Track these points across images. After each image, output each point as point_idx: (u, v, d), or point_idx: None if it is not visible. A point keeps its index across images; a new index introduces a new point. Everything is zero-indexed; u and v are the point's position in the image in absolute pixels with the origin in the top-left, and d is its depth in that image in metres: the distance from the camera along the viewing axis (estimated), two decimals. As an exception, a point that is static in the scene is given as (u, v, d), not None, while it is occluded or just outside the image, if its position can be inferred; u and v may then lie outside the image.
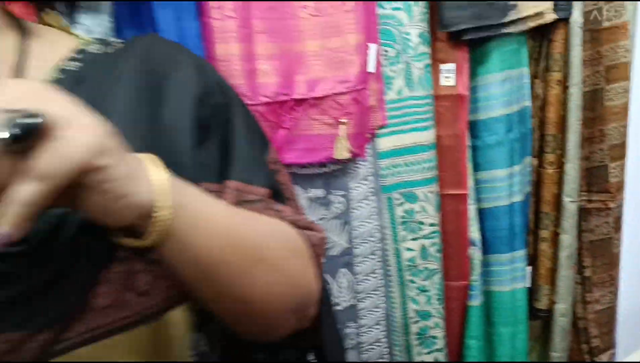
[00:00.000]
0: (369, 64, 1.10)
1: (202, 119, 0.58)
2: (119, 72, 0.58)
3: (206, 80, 0.61)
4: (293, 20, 1.04)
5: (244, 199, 0.59)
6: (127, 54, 0.60)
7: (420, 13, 1.12)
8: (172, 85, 0.58)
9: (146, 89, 0.57)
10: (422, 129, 1.18)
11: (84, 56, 0.60)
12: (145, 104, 0.57)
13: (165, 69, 0.59)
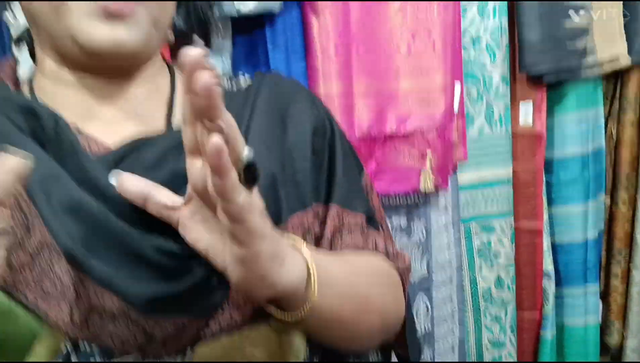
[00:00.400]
0: (454, 103, 1.18)
1: (315, 146, 0.68)
2: (253, 105, 0.68)
3: (318, 112, 0.71)
4: (387, 62, 1.14)
5: (344, 223, 0.69)
6: (258, 89, 0.70)
7: (503, 57, 1.21)
8: (293, 115, 0.68)
9: (274, 118, 0.68)
10: (501, 164, 1.25)
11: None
12: (273, 132, 0.67)
13: (288, 101, 0.70)
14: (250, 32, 1.08)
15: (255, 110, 0.67)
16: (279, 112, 0.68)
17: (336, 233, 0.68)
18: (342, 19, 1.09)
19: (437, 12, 1.14)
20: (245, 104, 0.68)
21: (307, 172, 0.67)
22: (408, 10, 1.13)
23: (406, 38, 1.14)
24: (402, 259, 0.72)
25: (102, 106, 0.64)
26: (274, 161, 0.64)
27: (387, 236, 0.74)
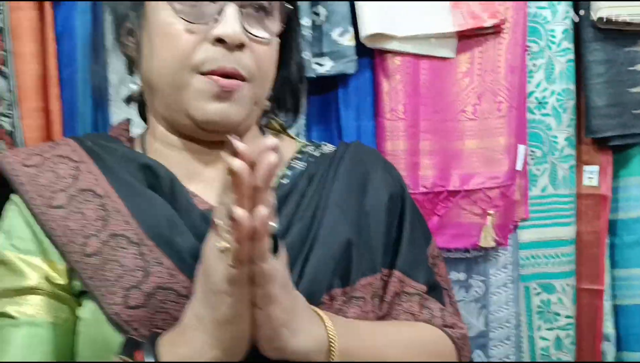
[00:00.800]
0: (517, 163, 1.21)
1: (390, 212, 0.75)
2: (336, 171, 0.75)
3: (394, 182, 0.78)
4: (453, 122, 1.18)
5: (404, 290, 0.75)
6: (340, 156, 0.78)
7: (568, 120, 1.23)
8: (372, 183, 0.76)
9: (355, 184, 0.75)
10: (564, 224, 1.26)
11: (303, 156, 0.80)
12: (354, 196, 0.74)
13: (368, 170, 0.77)
14: (323, 91, 1.15)
15: (337, 176, 0.74)
16: (359, 179, 0.75)
17: (395, 298, 0.74)
18: (411, 81, 1.15)
19: (503, 75, 1.18)
20: (328, 170, 0.75)
21: (380, 238, 0.73)
22: (475, 73, 1.18)
23: (472, 100, 1.18)
24: (458, 329, 0.76)
25: (204, 168, 0.74)
26: (350, 226, 0.71)
27: (447, 307, 0.78)
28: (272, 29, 0.72)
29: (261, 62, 0.70)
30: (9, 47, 1.04)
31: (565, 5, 1.20)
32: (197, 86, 0.68)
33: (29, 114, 1.04)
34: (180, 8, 0.68)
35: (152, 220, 0.66)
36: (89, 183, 0.68)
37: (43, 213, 0.67)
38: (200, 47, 0.67)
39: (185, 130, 0.72)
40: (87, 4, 1.06)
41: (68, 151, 0.72)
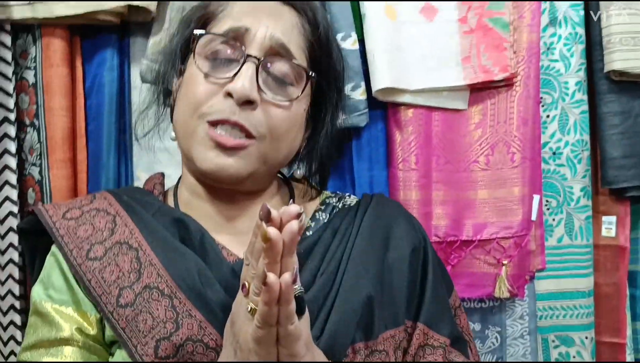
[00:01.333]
0: (532, 213, 1.21)
1: (413, 265, 0.77)
2: (360, 224, 0.78)
3: (416, 233, 0.80)
4: (466, 173, 1.19)
5: (428, 343, 0.75)
6: (363, 209, 0.80)
7: (584, 170, 1.23)
8: (395, 236, 0.78)
9: (377, 238, 0.77)
10: (581, 276, 1.24)
11: (327, 207, 0.83)
12: (376, 250, 0.76)
13: (391, 223, 0.79)
14: (337, 142, 1.18)
15: (360, 230, 0.77)
16: (381, 232, 0.78)
17: (419, 350, 0.75)
18: (423, 132, 1.17)
19: (516, 127, 1.19)
20: (352, 222, 0.78)
21: (403, 291, 0.75)
22: (487, 124, 1.20)
23: (485, 151, 1.19)
24: None
25: (230, 220, 0.78)
26: (372, 281, 0.73)
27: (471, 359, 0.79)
28: (292, 95, 0.74)
29: (274, 123, 0.73)
30: (41, 101, 1.11)
31: (579, 57, 1.21)
32: (202, 134, 0.71)
33: (57, 164, 1.10)
34: (204, 63, 0.73)
35: (184, 273, 0.69)
36: (125, 236, 0.72)
37: (80, 265, 0.71)
38: (213, 99, 0.72)
39: (202, 179, 0.76)
40: (115, 61, 1.12)
41: (105, 204, 0.77)
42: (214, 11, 0.77)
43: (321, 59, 0.79)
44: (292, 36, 0.75)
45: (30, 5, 1.06)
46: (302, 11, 0.79)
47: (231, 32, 0.73)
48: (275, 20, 0.75)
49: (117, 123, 1.13)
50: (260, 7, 0.76)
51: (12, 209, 1.10)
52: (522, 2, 1.18)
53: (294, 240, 0.53)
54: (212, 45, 0.73)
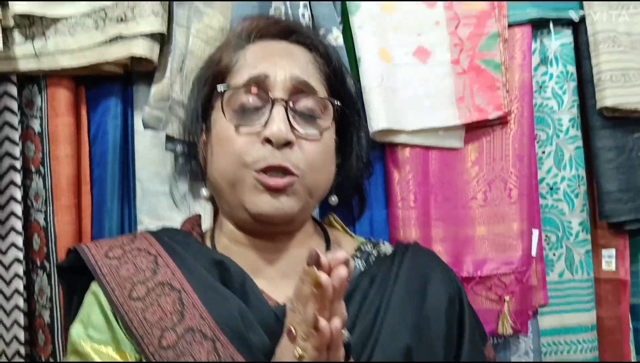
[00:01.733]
0: (532, 248, 1.22)
1: (449, 316, 0.77)
2: (397, 273, 0.79)
3: (452, 285, 0.81)
4: (464, 209, 1.21)
5: None
6: (400, 259, 0.82)
7: (581, 205, 1.24)
8: (432, 286, 0.78)
9: (414, 287, 0.77)
10: (584, 310, 1.25)
11: (362, 254, 0.84)
12: (414, 300, 0.76)
13: (428, 273, 0.80)
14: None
15: (398, 279, 0.78)
16: (418, 282, 0.78)
17: None
18: (421, 171, 1.19)
19: (512, 163, 1.21)
20: (389, 271, 0.79)
21: (441, 342, 0.76)
22: (484, 162, 1.22)
23: (482, 188, 1.21)
24: None
25: (267, 265, 0.79)
26: (410, 331, 0.74)
27: None
28: (322, 126, 0.78)
29: (311, 158, 0.76)
30: (47, 149, 1.14)
31: (571, 95, 1.24)
32: (250, 181, 0.74)
33: (62, 210, 1.13)
34: (233, 116, 0.76)
35: (227, 316, 0.69)
36: (167, 277, 0.73)
37: (122, 304, 0.71)
38: (252, 148, 0.74)
39: (246, 225, 0.78)
40: (118, 109, 1.15)
41: (146, 244, 0.78)
42: (227, 65, 0.80)
43: (338, 87, 0.83)
44: (310, 72, 0.79)
45: (36, 57, 1.10)
46: (312, 46, 0.82)
47: (252, 81, 0.76)
48: (290, 61, 0.78)
49: (121, 169, 1.15)
50: (272, 51, 0.79)
51: (17, 256, 1.11)
52: (512, 43, 1.22)
53: (342, 285, 0.55)
54: (237, 97, 0.76)
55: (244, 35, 0.82)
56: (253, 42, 0.81)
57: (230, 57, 0.80)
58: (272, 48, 0.80)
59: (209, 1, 1.12)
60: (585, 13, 1.22)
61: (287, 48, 0.81)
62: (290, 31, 0.83)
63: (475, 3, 1.19)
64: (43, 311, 1.14)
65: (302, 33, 0.83)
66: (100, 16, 1.09)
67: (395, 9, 1.19)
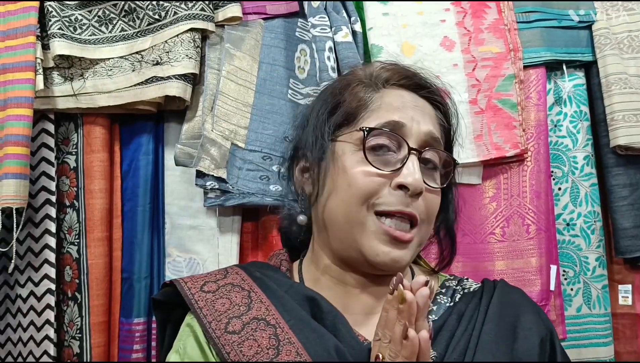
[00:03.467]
0: (550, 283, 1.24)
1: (541, 358, 0.76)
2: (484, 310, 0.78)
3: (544, 325, 0.80)
4: (483, 244, 1.24)
5: None
6: (488, 296, 0.81)
7: (597, 240, 1.27)
8: (523, 326, 0.77)
9: (505, 327, 0.76)
10: (602, 345, 1.26)
11: (447, 290, 0.84)
12: (504, 340, 0.75)
13: (518, 312, 0.79)
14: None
15: (487, 317, 0.77)
16: (509, 322, 0.77)
17: None
18: (441, 206, 1.22)
19: (529, 199, 1.24)
20: (477, 309, 0.79)
21: None
22: (502, 198, 1.25)
23: (500, 223, 1.25)
24: None
25: (356, 302, 0.80)
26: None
27: None
28: (438, 181, 0.80)
29: (430, 209, 0.78)
30: (81, 184, 1.19)
31: (585, 133, 1.28)
32: (373, 226, 0.74)
33: (95, 242, 1.17)
34: (369, 155, 0.76)
35: (323, 353, 0.70)
36: (261, 312, 0.74)
37: (219, 337, 0.72)
38: (382, 191, 0.75)
39: (354, 264, 0.78)
40: (150, 146, 1.20)
41: (239, 279, 0.79)
42: (363, 103, 0.80)
43: (450, 144, 0.87)
44: (436, 127, 0.81)
45: (74, 97, 1.16)
46: (438, 103, 0.85)
47: (390, 126, 0.77)
48: (425, 115, 0.80)
49: (151, 203, 1.20)
50: (407, 101, 0.81)
51: (50, 287, 1.15)
52: (527, 83, 1.27)
53: (426, 304, 0.60)
54: (374, 137, 0.77)
55: (381, 79, 0.82)
56: (388, 87, 0.82)
57: (366, 97, 0.80)
58: (406, 99, 0.81)
59: (239, 44, 1.18)
60: (598, 56, 1.27)
61: (418, 102, 0.82)
62: (422, 86, 0.84)
63: (492, 47, 1.25)
64: (72, 342, 1.17)
65: (432, 90, 0.85)
66: (136, 59, 1.16)
67: (414, 51, 1.25)
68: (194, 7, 1.15)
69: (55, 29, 1.13)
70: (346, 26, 1.22)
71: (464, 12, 1.28)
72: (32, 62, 1.10)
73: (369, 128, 0.77)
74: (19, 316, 1.17)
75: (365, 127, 0.77)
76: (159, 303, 0.85)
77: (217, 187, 1.14)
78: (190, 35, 1.14)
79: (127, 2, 1.15)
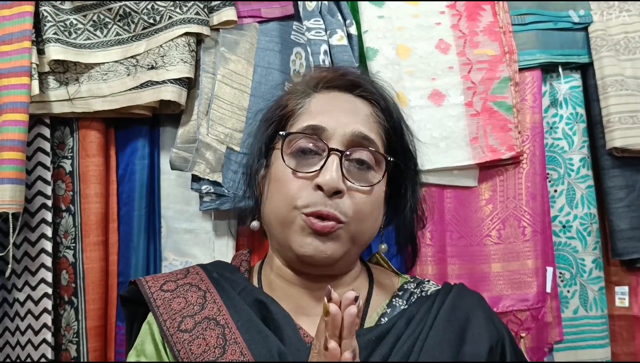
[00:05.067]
0: (547, 285, 1.24)
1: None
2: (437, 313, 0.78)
3: (496, 331, 0.79)
4: (479, 246, 1.24)
5: None
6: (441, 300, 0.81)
7: (594, 242, 1.27)
8: (472, 331, 0.77)
9: (453, 329, 0.77)
10: (599, 346, 1.26)
11: (404, 293, 0.85)
12: (451, 344, 0.75)
13: (469, 316, 0.79)
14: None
15: (436, 321, 0.77)
16: (458, 325, 0.77)
17: None
18: (437, 209, 1.23)
19: (525, 202, 1.24)
20: (428, 312, 0.79)
21: None
22: (497, 200, 1.25)
23: (496, 225, 1.25)
24: None
25: (312, 303, 0.81)
26: None
27: None
28: (372, 180, 0.80)
29: (359, 207, 0.78)
30: (77, 188, 1.19)
31: (581, 135, 1.28)
32: (299, 222, 0.76)
33: (90, 247, 1.17)
34: (290, 159, 0.79)
35: (266, 354, 0.72)
36: (213, 312, 0.77)
37: (172, 335, 0.75)
38: (304, 192, 0.77)
39: (292, 264, 0.81)
40: (146, 150, 1.20)
41: (197, 279, 0.82)
42: (292, 110, 0.83)
43: (396, 142, 0.85)
44: (370, 125, 0.82)
45: (70, 101, 1.16)
46: (375, 101, 0.85)
47: (310, 129, 0.79)
48: (352, 115, 0.81)
49: (147, 207, 1.20)
50: (336, 103, 0.83)
51: (46, 291, 1.15)
52: (523, 86, 1.27)
53: (352, 322, 0.59)
54: (296, 142, 0.79)
55: (312, 83, 0.86)
56: (320, 91, 0.85)
57: (296, 103, 0.84)
58: (336, 100, 0.83)
59: (234, 48, 1.18)
60: (594, 58, 1.27)
61: (350, 101, 0.84)
62: (355, 85, 0.85)
63: (487, 49, 1.25)
64: (70, 346, 1.17)
65: (366, 88, 0.86)
66: (131, 63, 1.16)
67: (410, 54, 1.25)
68: (188, 11, 1.15)
69: (51, 34, 1.13)
70: (341, 29, 1.22)
71: (459, 15, 1.28)
72: (27, 68, 1.11)
73: (285, 133, 0.80)
74: (17, 320, 1.17)
75: (282, 133, 0.80)
76: (127, 301, 0.87)
77: (213, 191, 1.14)
78: (185, 40, 1.15)
79: (122, 7, 1.15)
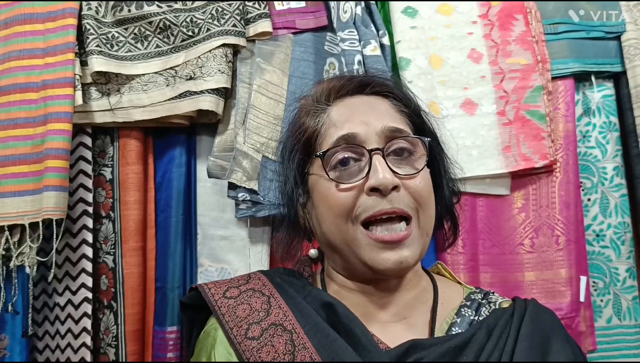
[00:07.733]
0: (580, 295, 1.24)
1: None
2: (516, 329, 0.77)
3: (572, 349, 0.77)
4: (512, 255, 1.24)
5: None
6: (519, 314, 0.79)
7: (627, 251, 1.26)
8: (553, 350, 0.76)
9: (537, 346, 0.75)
10: (632, 356, 1.25)
11: (472, 303, 0.83)
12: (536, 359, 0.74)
13: (549, 334, 0.78)
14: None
15: (520, 337, 0.76)
16: (540, 342, 0.76)
17: None
18: (469, 217, 1.23)
19: (558, 210, 1.24)
20: (507, 326, 0.77)
21: None
22: (530, 209, 1.25)
23: (529, 234, 1.25)
24: None
25: (377, 309, 0.80)
26: None
27: None
28: (417, 166, 0.78)
29: (418, 195, 0.76)
30: (117, 195, 1.22)
31: (614, 144, 1.28)
32: (364, 240, 0.74)
33: (129, 252, 1.20)
34: (334, 174, 0.77)
35: (336, 358, 0.72)
36: (279, 318, 0.76)
37: (240, 343, 0.75)
38: (358, 200, 0.75)
39: (367, 276, 0.79)
40: (183, 158, 1.23)
41: (260, 285, 0.81)
42: (315, 128, 0.82)
43: (420, 123, 0.85)
44: (394, 117, 0.81)
45: (111, 111, 1.20)
46: (388, 93, 0.84)
47: (342, 140, 0.78)
48: (375, 113, 0.80)
49: (184, 214, 1.23)
50: (355, 108, 0.82)
51: (87, 296, 1.18)
52: (556, 95, 1.27)
53: None
54: (334, 156, 0.78)
55: (323, 98, 0.84)
56: (334, 102, 0.84)
57: (316, 122, 0.82)
58: (354, 105, 0.82)
59: (269, 58, 1.21)
60: (627, 67, 1.27)
61: (367, 101, 0.83)
62: (364, 85, 0.84)
63: (519, 58, 1.25)
64: (108, 349, 1.20)
65: (376, 84, 0.85)
66: (170, 74, 1.19)
67: (442, 64, 1.26)
68: (226, 23, 1.18)
69: (93, 46, 1.17)
70: (375, 40, 1.24)
71: (491, 24, 1.29)
72: (71, 79, 1.14)
73: (322, 153, 0.78)
74: (57, 324, 1.20)
75: (319, 152, 0.79)
76: (186, 306, 0.88)
77: (249, 198, 1.16)
78: (223, 51, 1.18)
79: (162, 20, 1.18)
